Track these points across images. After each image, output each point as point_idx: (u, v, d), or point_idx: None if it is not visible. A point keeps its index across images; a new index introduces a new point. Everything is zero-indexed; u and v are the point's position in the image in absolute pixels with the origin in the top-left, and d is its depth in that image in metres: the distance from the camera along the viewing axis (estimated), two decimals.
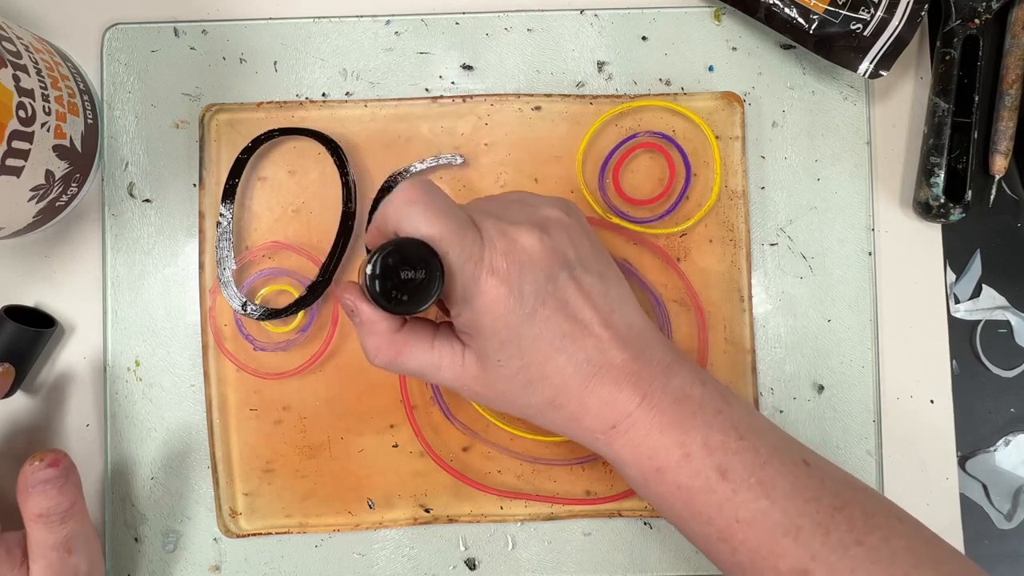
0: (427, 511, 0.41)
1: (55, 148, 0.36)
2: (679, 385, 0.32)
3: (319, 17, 0.41)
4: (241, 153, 0.40)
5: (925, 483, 0.41)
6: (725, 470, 0.30)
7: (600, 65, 0.42)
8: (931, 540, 0.31)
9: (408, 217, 0.29)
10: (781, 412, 0.41)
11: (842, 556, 0.29)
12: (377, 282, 0.28)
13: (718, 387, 0.33)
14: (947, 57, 0.41)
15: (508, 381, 0.31)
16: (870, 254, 0.42)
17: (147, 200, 0.41)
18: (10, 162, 0.32)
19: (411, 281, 0.28)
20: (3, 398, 0.38)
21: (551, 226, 0.32)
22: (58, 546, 0.34)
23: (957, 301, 0.43)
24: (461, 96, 0.41)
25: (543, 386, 0.31)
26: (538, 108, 0.41)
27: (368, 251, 0.33)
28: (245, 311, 0.39)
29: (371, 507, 0.41)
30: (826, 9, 0.39)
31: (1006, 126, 0.41)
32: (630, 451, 0.31)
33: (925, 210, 0.41)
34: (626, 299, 0.33)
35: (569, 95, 0.41)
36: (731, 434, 0.31)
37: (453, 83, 0.41)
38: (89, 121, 0.39)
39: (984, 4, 0.41)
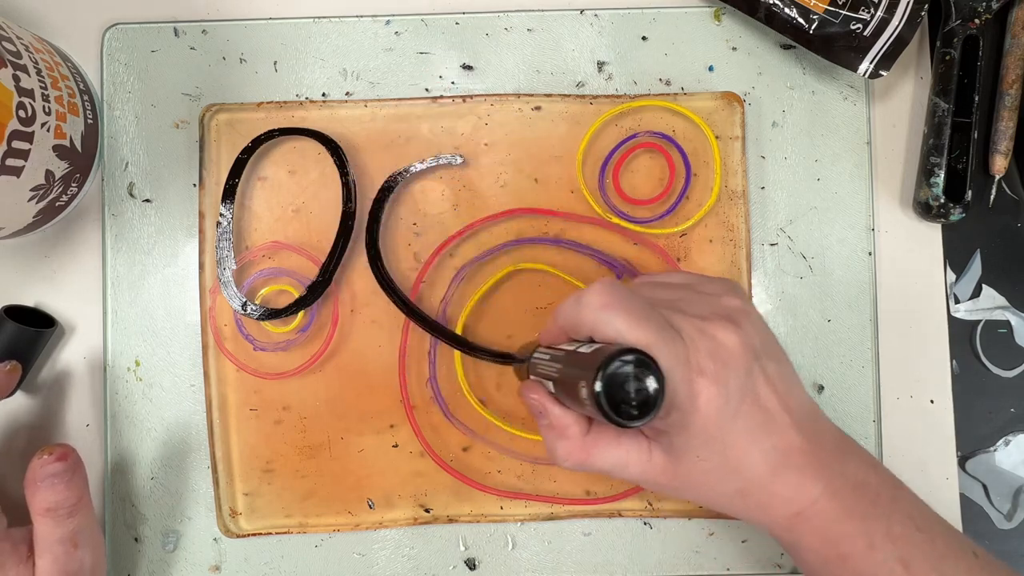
0: (427, 511, 0.41)
1: (55, 148, 0.36)
2: (854, 471, 0.32)
3: (319, 17, 0.41)
4: (241, 153, 0.40)
5: (925, 483, 0.41)
6: (908, 562, 0.31)
7: (600, 65, 0.42)
8: None
9: (609, 323, 0.29)
10: None
11: None
12: (606, 395, 0.27)
13: (886, 471, 0.33)
14: (947, 57, 0.41)
15: (703, 475, 0.31)
16: (870, 254, 0.42)
17: (147, 200, 0.41)
18: (10, 162, 0.32)
19: (639, 391, 0.27)
20: (6, 397, 0.38)
21: (739, 318, 0.31)
22: (64, 540, 0.35)
23: (957, 301, 0.43)
24: (461, 96, 0.41)
25: (735, 477, 0.31)
26: (538, 108, 0.41)
27: (542, 348, 0.33)
28: (245, 311, 0.39)
29: (371, 507, 0.41)
30: (826, 9, 0.39)
31: (1006, 126, 0.41)
32: (813, 538, 0.31)
33: (925, 210, 0.41)
34: (796, 379, 0.33)
35: (569, 95, 0.41)
36: (909, 525, 0.31)
37: (453, 83, 0.41)
38: (89, 121, 0.39)
39: (984, 4, 0.41)
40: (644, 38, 0.42)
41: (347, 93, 0.41)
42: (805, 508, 0.31)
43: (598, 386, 0.27)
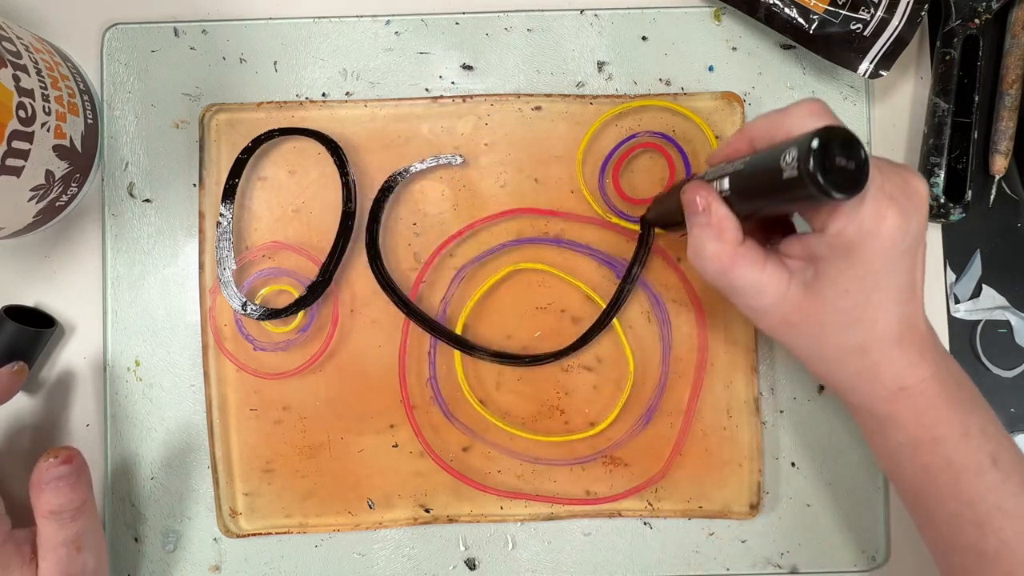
0: (427, 511, 0.41)
1: (55, 148, 0.36)
2: (958, 371, 0.33)
3: (319, 17, 0.41)
4: (241, 153, 0.40)
5: None
6: (997, 459, 0.31)
7: (600, 65, 0.42)
8: None
9: (819, 121, 0.29)
10: (781, 412, 0.41)
11: None
12: (819, 156, 0.26)
13: (977, 389, 0.34)
14: (947, 57, 0.41)
15: (837, 313, 0.31)
16: None
17: (147, 200, 0.41)
18: (10, 162, 0.32)
19: (843, 169, 0.27)
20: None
21: (922, 178, 0.32)
22: (68, 542, 0.35)
23: (957, 301, 0.43)
24: (461, 96, 0.41)
25: (865, 329, 0.31)
26: (538, 108, 0.41)
27: (712, 169, 0.33)
28: (245, 311, 0.39)
29: (371, 507, 0.41)
30: (826, 9, 0.39)
31: (1006, 126, 0.41)
32: (911, 415, 0.32)
33: None
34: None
35: (569, 95, 0.41)
36: (1001, 429, 0.32)
37: (453, 83, 0.41)
38: (89, 121, 0.39)
39: (984, 4, 0.41)
40: (644, 38, 0.42)
41: (347, 93, 0.41)
42: (913, 385, 0.32)
43: (815, 143, 0.26)
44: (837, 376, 0.33)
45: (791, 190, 0.28)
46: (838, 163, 0.27)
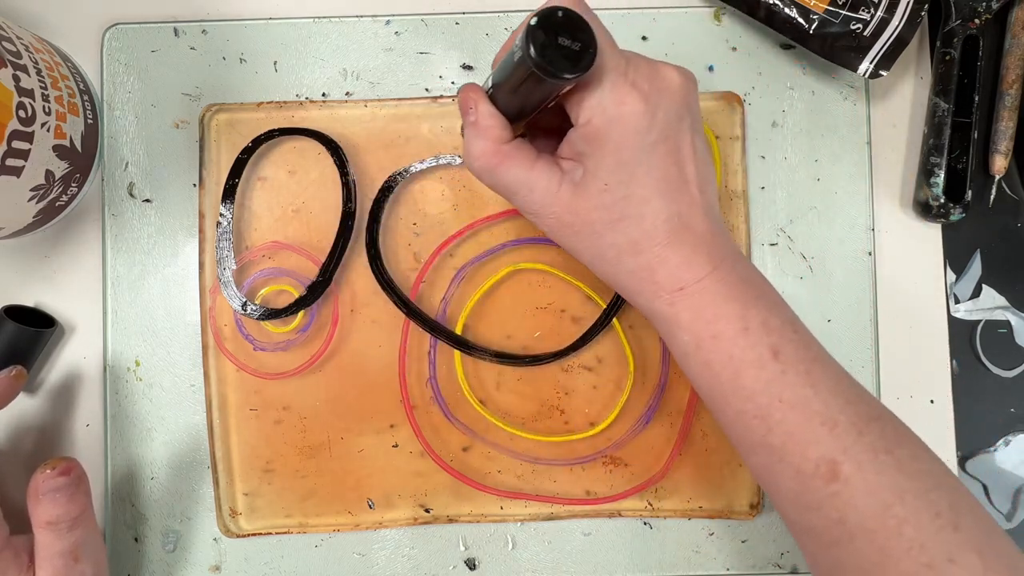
0: (427, 511, 0.41)
1: (55, 148, 0.36)
2: (745, 270, 0.32)
3: (319, 17, 0.41)
4: (241, 153, 0.40)
5: None
6: (778, 351, 0.31)
7: None
8: (950, 474, 0.31)
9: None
10: None
11: (872, 458, 0.30)
12: (534, 34, 0.27)
13: (775, 289, 0.33)
14: (947, 57, 0.41)
15: (604, 210, 0.31)
16: (870, 254, 0.42)
17: (147, 200, 0.41)
18: (10, 162, 0.32)
19: (566, 49, 0.27)
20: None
21: (686, 73, 0.32)
22: (65, 553, 0.34)
23: (957, 301, 0.43)
24: None
25: (633, 225, 0.31)
26: None
27: (493, 69, 0.33)
28: (245, 311, 0.39)
29: (371, 507, 0.41)
30: (826, 9, 0.39)
31: (1006, 126, 0.41)
32: (691, 314, 0.32)
33: (925, 210, 0.41)
34: (714, 179, 0.33)
35: None
36: (788, 324, 0.32)
37: (453, 83, 0.41)
38: (89, 121, 0.39)
39: (984, 4, 0.41)
40: (644, 38, 0.42)
41: (347, 93, 0.41)
42: (690, 284, 0.31)
43: (532, 21, 0.27)
44: (619, 279, 0.33)
45: (524, 74, 0.28)
46: (561, 42, 0.27)
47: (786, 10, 0.40)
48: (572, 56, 0.27)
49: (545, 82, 0.28)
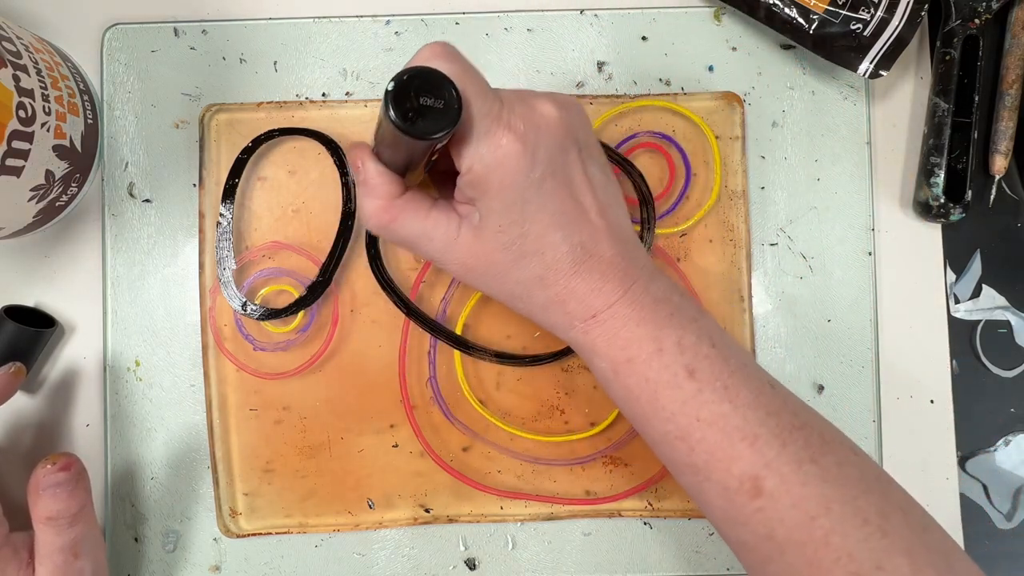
0: (427, 511, 0.41)
1: (55, 148, 0.36)
2: (659, 289, 0.32)
3: (319, 17, 0.41)
4: (241, 153, 0.40)
5: (925, 483, 0.41)
6: (694, 370, 0.31)
7: (600, 65, 0.42)
8: (881, 475, 0.31)
9: (433, 64, 0.29)
10: None
11: (795, 469, 0.29)
12: (394, 99, 0.27)
13: (694, 302, 0.33)
14: (947, 57, 0.41)
15: (503, 251, 0.31)
16: (870, 254, 0.42)
17: (147, 200, 0.41)
18: (10, 162, 0.32)
19: (429, 109, 0.28)
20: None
21: (566, 103, 0.32)
22: (65, 549, 0.34)
23: (957, 301, 0.43)
24: None
25: (536, 261, 0.31)
26: None
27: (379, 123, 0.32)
28: (245, 311, 0.39)
29: (371, 507, 0.41)
30: (826, 9, 0.39)
31: (1006, 126, 0.41)
32: (605, 341, 0.32)
33: (925, 210, 0.41)
34: (619, 201, 0.34)
35: (569, 95, 0.41)
36: (704, 340, 0.31)
37: None
38: (89, 121, 0.39)
39: (984, 4, 0.41)
40: (644, 38, 0.42)
41: (347, 93, 0.41)
42: (601, 311, 0.31)
43: (389, 86, 0.27)
44: (534, 314, 0.33)
45: (395, 135, 0.28)
46: (423, 102, 0.27)
47: (786, 10, 0.40)
48: (436, 115, 0.28)
49: (417, 142, 0.28)
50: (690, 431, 0.31)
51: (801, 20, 0.40)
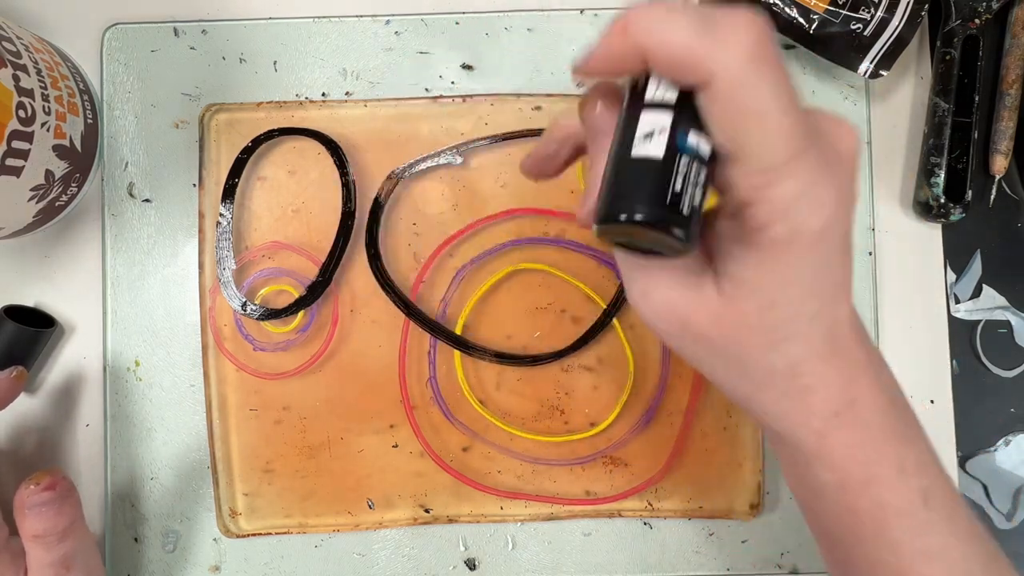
0: (427, 511, 0.41)
1: (55, 148, 0.36)
2: (889, 383, 0.27)
3: (319, 17, 0.41)
4: (241, 153, 0.40)
5: None
6: (928, 496, 0.26)
7: None
8: None
9: (759, 87, 0.20)
10: None
11: None
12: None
13: (908, 403, 0.28)
14: (947, 57, 0.41)
15: (764, 332, 0.24)
16: (870, 254, 0.42)
17: (147, 200, 0.41)
18: (10, 162, 0.32)
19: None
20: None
21: (855, 129, 0.25)
22: (55, 564, 0.34)
23: (957, 301, 0.43)
24: (461, 96, 0.41)
25: (798, 346, 0.24)
26: (538, 108, 0.41)
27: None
28: (245, 311, 0.39)
29: (371, 507, 0.41)
30: (826, 9, 0.39)
31: (1006, 126, 0.41)
32: (844, 452, 0.26)
33: (925, 210, 0.41)
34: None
35: (569, 95, 0.41)
36: (934, 455, 0.27)
37: (453, 83, 0.41)
38: (89, 121, 0.39)
39: (984, 4, 0.41)
40: None
41: (347, 93, 0.41)
42: (843, 409, 0.25)
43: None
44: (761, 402, 0.26)
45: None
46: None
47: (786, 10, 0.40)
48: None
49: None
50: (911, 565, 0.26)
51: (801, 20, 0.40)
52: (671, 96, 0.21)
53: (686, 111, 0.21)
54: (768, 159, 0.21)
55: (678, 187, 0.20)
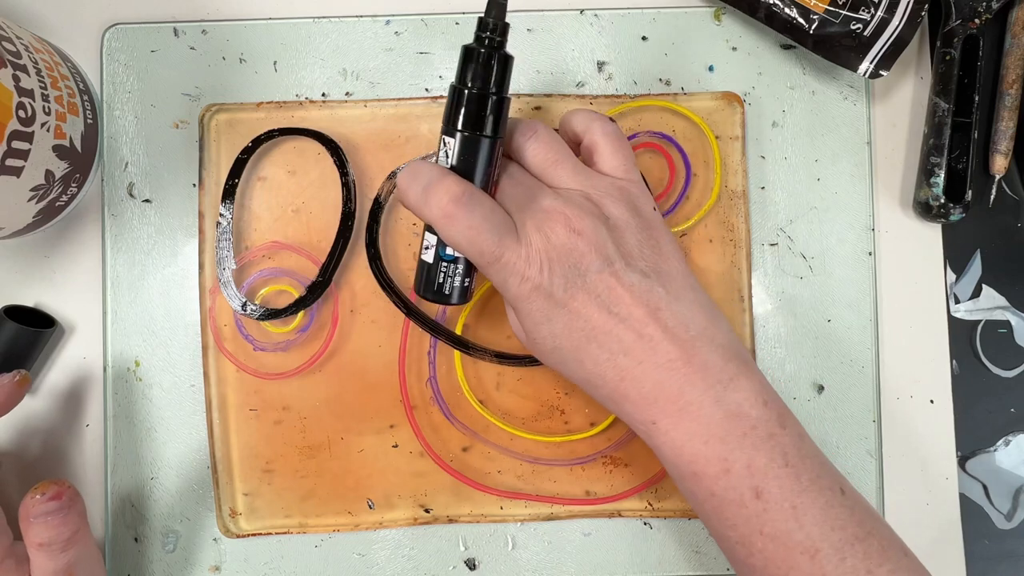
0: (427, 511, 0.41)
1: (55, 148, 0.36)
2: (737, 401, 0.31)
3: (319, 17, 0.41)
4: (241, 153, 0.40)
5: (925, 483, 0.41)
6: (761, 491, 0.31)
7: (600, 65, 0.42)
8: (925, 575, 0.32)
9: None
10: None
11: None
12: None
13: (778, 407, 0.32)
14: (947, 57, 0.41)
15: (547, 355, 0.33)
16: (870, 254, 0.42)
17: (147, 200, 0.41)
18: (10, 162, 0.32)
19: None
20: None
21: (593, 218, 0.32)
22: (59, 572, 0.34)
23: (957, 301, 0.43)
24: None
25: (578, 368, 0.32)
26: (538, 108, 0.41)
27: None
28: (245, 311, 0.39)
29: (371, 507, 0.41)
30: (826, 9, 0.39)
31: (1006, 126, 0.41)
32: (670, 449, 0.32)
33: (925, 210, 0.41)
34: (684, 299, 0.33)
35: (569, 95, 0.41)
36: (777, 460, 0.31)
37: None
38: (89, 121, 0.39)
39: (984, 4, 0.41)
40: (644, 38, 0.42)
41: (347, 93, 0.41)
42: (660, 419, 0.31)
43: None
44: (605, 405, 0.34)
45: None
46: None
47: (786, 10, 0.40)
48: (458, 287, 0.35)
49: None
50: (751, 540, 0.31)
51: (801, 20, 0.40)
52: None
53: None
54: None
55: (440, 280, 0.34)
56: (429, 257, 0.34)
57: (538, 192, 0.33)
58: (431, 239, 0.33)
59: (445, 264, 0.33)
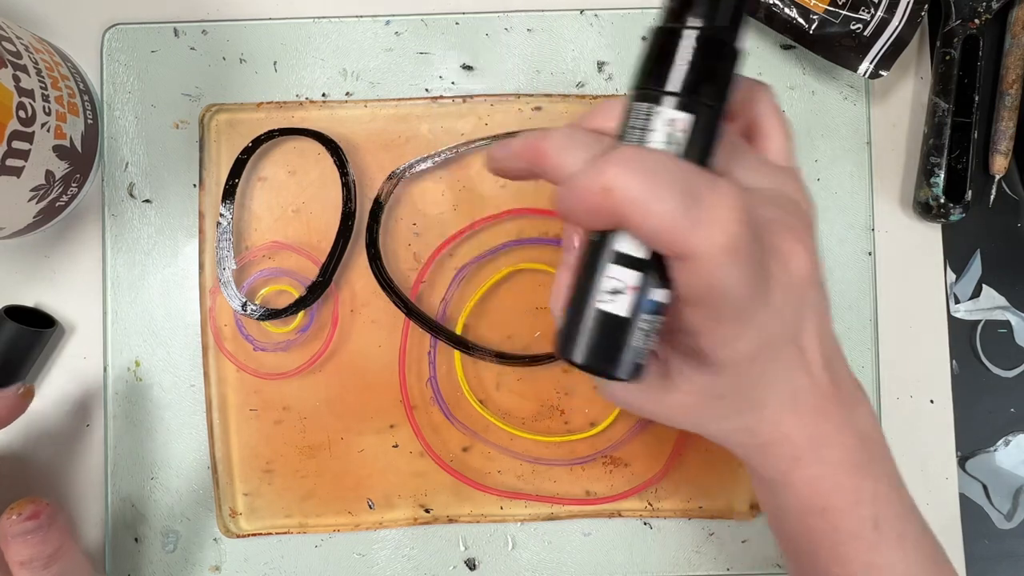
0: (427, 511, 0.41)
1: (55, 148, 0.36)
2: (863, 417, 0.29)
3: (319, 17, 0.41)
4: (241, 153, 0.40)
5: (925, 483, 0.41)
6: (879, 522, 0.29)
7: (600, 65, 0.42)
8: None
9: (724, 275, 0.22)
10: None
11: None
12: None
13: (881, 434, 0.31)
14: (947, 57, 0.41)
15: (713, 402, 0.28)
16: (870, 254, 0.42)
17: (147, 200, 0.41)
18: (10, 162, 0.32)
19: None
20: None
21: (812, 244, 0.27)
22: None
23: (957, 301, 0.43)
24: (461, 96, 0.41)
25: (749, 416, 0.28)
26: (538, 108, 0.41)
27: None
28: (245, 311, 0.39)
29: (371, 507, 0.41)
30: (826, 9, 0.39)
31: (1006, 126, 0.41)
32: (805, 487, 0.29)
33: (925, 210, 0.41)
34: (825, 308, 0.29)
35: (569, 95, 0.41)
36: (893, 482, 0.30)
37: (453, 83, 0.41)
38: (89, 121, 0.39)
39: (984, 4, 0.41)
40: (644, 38, 0.42)
41: (347, 93, 0.41)
42: (806, 454, 0.28)
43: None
44: (729, 447, 0.30)
45: None
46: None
47: (786, 10, 0.40)
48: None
49: None
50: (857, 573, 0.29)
51: (801, 20, 0.40)
52: (641, 254, 0.22)
53: (653, 268, 0.21)
54: (729, 323, 0.24)
55: (637, 343, 0.21)
56: (622, 308, 0.21)
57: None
58: (625, 276, 0.21)
59: (647, 320, 0.22)
